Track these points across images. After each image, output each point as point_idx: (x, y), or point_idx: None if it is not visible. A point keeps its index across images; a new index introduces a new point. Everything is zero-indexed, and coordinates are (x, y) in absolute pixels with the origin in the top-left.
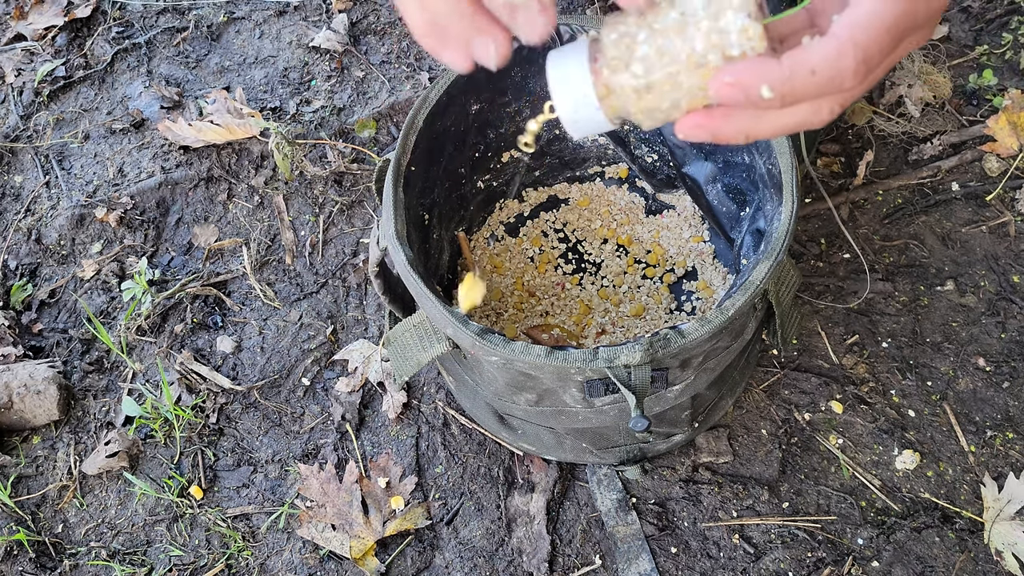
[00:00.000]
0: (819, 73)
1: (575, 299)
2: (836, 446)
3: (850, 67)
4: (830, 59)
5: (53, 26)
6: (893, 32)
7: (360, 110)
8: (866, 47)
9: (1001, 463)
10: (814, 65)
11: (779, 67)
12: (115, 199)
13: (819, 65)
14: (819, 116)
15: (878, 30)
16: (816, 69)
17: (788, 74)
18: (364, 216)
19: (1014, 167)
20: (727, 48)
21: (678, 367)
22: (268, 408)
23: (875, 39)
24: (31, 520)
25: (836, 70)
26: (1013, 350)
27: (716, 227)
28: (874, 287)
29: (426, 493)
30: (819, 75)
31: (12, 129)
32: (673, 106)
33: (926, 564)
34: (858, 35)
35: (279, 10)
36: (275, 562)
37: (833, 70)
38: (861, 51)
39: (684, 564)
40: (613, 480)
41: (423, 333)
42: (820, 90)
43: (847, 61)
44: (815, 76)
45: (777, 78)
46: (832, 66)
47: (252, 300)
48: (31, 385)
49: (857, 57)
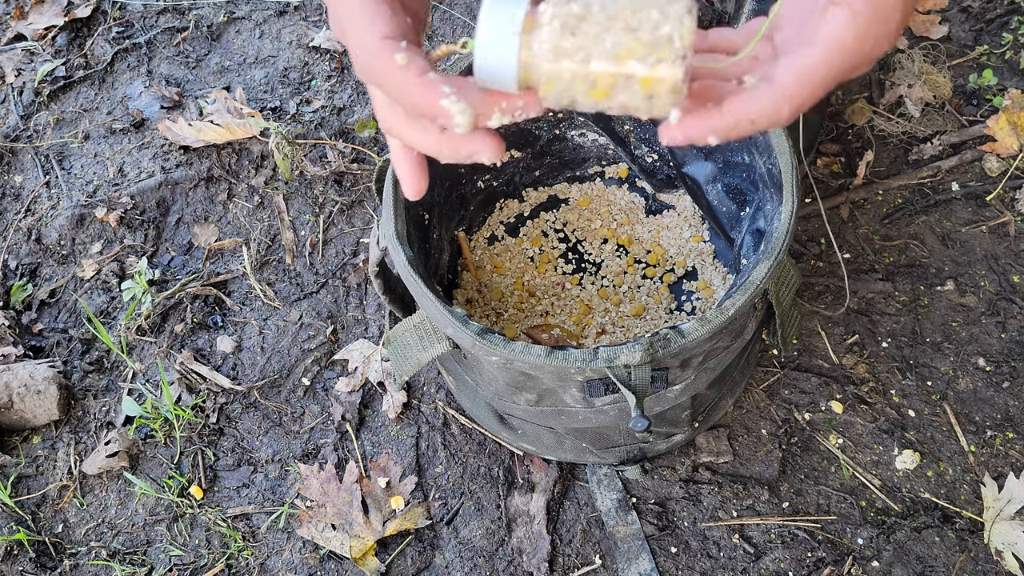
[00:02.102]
0: (757, 122)
1: (575, 299)
2: (836, 446)
3: (785, 114)
4: (768, 111)
5: (53, 26)
6: (832, 81)
7: (360, 110)
8: (804, 97)
9: (1001, 463)
10: (754, 116)
11: (722, 118)
12: (115, 199)
13: (758, 116)
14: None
15: (817, 82)
16: (755, 119)
17: (732, 124)
18: (364, 216)
19: (1014, 167)
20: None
21: (678, 367)
22: (268, 408)
23: (812, 91)
24: (31, 520)
25: (774, 118)
26: (1013, 350)
27: (716, 227)
28: (874, 287)
29: (426, 493)
30: (757, 123)
31: (12, 129)
32: (584, 60)
33: (926, 564)
34: (798, 88)
35: (279, 10)
36: (275, 562)
37: (771, 119)
38: (799, 100)
39: (684, 564)
40: (613, 480)
41: (423, 333)
42: (758, 131)
43: (784, 111)
44: (754, 124)
45: (721, 128)
46: (770, 116)
47: (252, 300)
48: (31, 385)
49: (793, 105)
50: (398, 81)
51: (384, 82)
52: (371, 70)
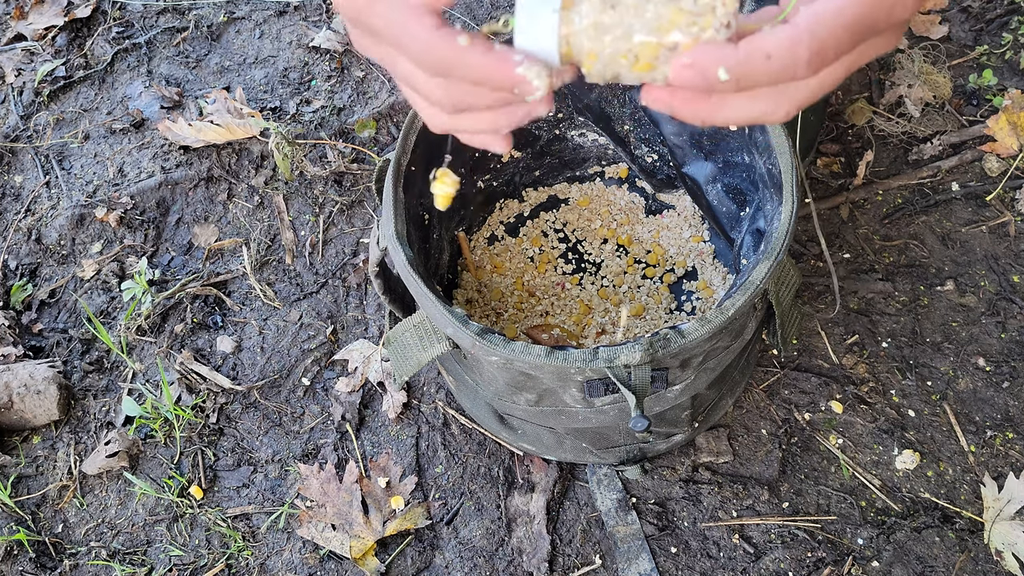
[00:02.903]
0: (774, 58)
1: (575, 299)
2: (836, 446)
3: (804, 56)
4: (784, 46)
5: (53, 26)
6: (852, 31)
7: (360, 110)
8: (823, 39)
9: (1001, 463)
10: (769, 50)
11: (735, 50)
12: (115, 199)
13: (774, 50)
14: (776, 113)
15: (837, 25)
16: (771, 54)
17: (743, 57)
18: (364, 216)
19: (1014, 167)
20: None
21: (678, 367)
22: (268, 408)
23: (832, 33)
24: (31, 520)
25: (790, 57)
26: (1013, 350)
27: (716, 227)
28: (874, 287)
29: (426, 493)
30: (774, 60)
31: (12, 129)
32: (625, 35)
33: (926, 564)
34: (816, 27)
35: (279, 10)
36: (275, 562)
37: (788, 57)
38: (817, 42)
39: (684, 564)
40: (613, 480)
41: (423, 333)
42: (775, 76)
43: (801, 49)
44: (770, 61)
45: (733, 61)
46: (787, 53)
47: (252, 300)
48: (31, 385)
49: (812, 47)
50: (469, 62)
51: (454, 68)
52: (438, 63)
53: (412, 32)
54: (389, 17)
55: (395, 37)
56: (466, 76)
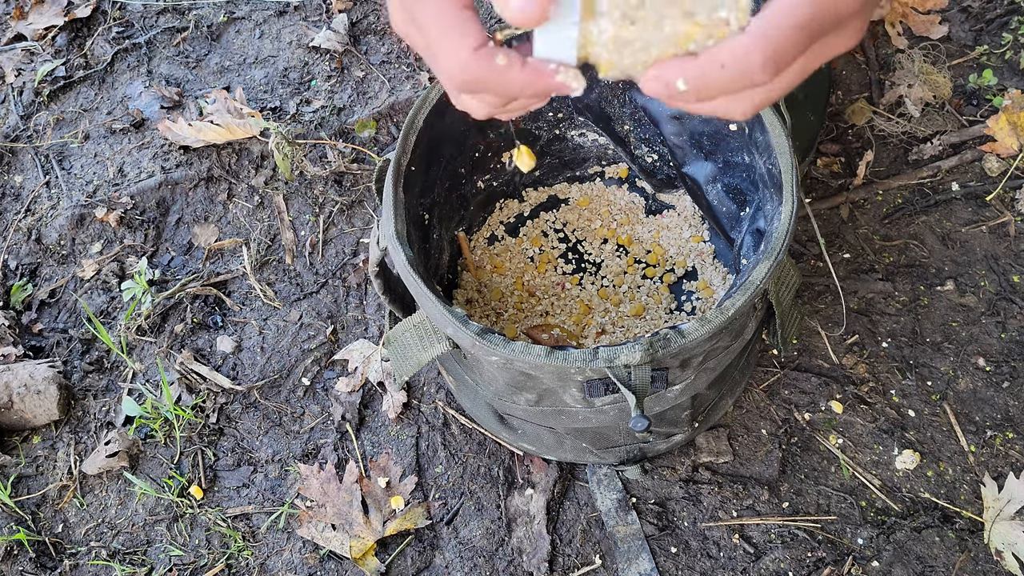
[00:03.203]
0: (728, 67)
1: (575, 299)
2: (836, 446)
3: (758, 62)
4: (738, 55)
5: (53, 26)
6: (806, 30)
7: (360, 110)
8: (776, 43)
9: (1001, 463)
10: (723, 60)
11: (694, 63)
12: (115, 199)
13: (728, 60)
14: (734, 111)
15: (790, 27)
16: (725, 63)
17: (700, 71)
18: (364, 216)
19: (1014, 167)
20: (719, 7)
21: (678, 367)
22: (268, 408)
23: (786, 35)
24: (31, 520)
25: (745, 65)
26: (1013, 350)
27: (716, 227)
28: (874, 287)
29: (426, 493)
30: (728, 69)
31: (12, 129)
32: (644, 48)
33: (926, 564)
34: (769, 31)
35: (279, 10)
36: (275, 562)
37: (742, 65)
38: (771, 47)
39: (684, 564)
40: (613, 480)
41: (423, 333)
42: (731, 84)
43: (755, 56)
44: (724, 70)
45: (691, 74)
46: (741, 61)
47: (252, 300)
48: (31, 385)
49: (766, 52)
50: (509, 80)
51: (494, 87)
52: (476, 82)
53: (453, 55)
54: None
55: (433, 54)
56: (508, 93)
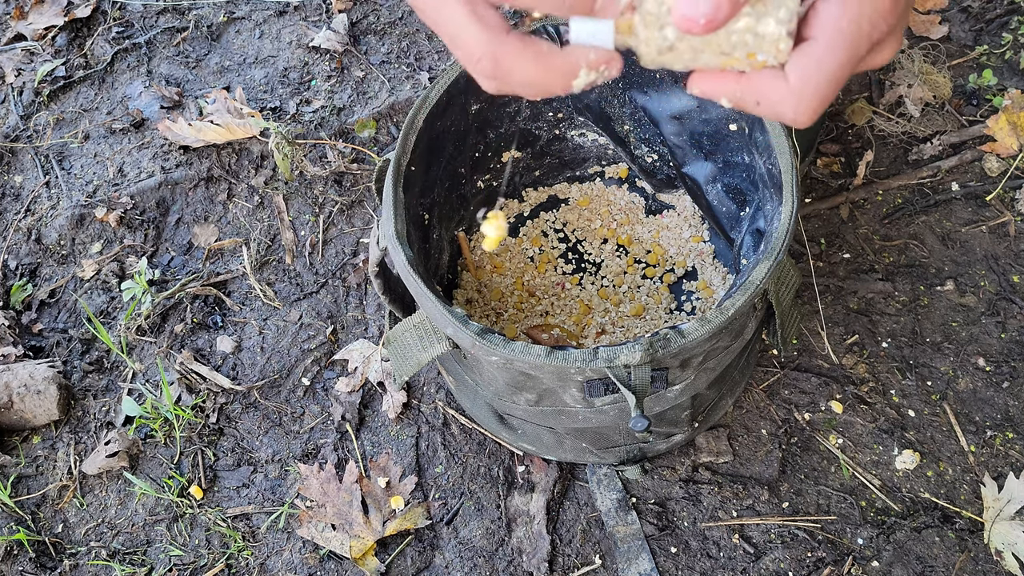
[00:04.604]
0: (762, 106)
1: (575, 299)
2: (836, 446)
3: (788, 114)
4: (772, 101)
5: (53, 26)
6: (839, 79)
7: (360, 110)
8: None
9: (1001, 463)
10: (759, 99)
11: (734, 86)
12: (115, 199)
13: (763, 101)
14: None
15: (826, 81)
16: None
17: (738, 97)
18: (364, 216)
19: (1014, 167)
20: (757, 52)
21: (678, 367)
22: (268, 408)
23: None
24: (31, 520)
25: (776, 111)
26: (1013, 350)
27: (716, 227)
28: (874, 287)
29: (426, 493)
30: (762, 107)
31: (12, 129)
32: (680, 64)
33: (926, 564)
34: (805, 90)
35: (279, 10)
36: (275, 562)
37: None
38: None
39: (684, 564)
40: (613, 480)
41: (423, 333)
42: (762, 114)
43: (785, 109)
44: (760, 107)
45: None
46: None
47: (252, 300)
48: (31, 385)
49: (797, 109)
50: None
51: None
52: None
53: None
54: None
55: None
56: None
